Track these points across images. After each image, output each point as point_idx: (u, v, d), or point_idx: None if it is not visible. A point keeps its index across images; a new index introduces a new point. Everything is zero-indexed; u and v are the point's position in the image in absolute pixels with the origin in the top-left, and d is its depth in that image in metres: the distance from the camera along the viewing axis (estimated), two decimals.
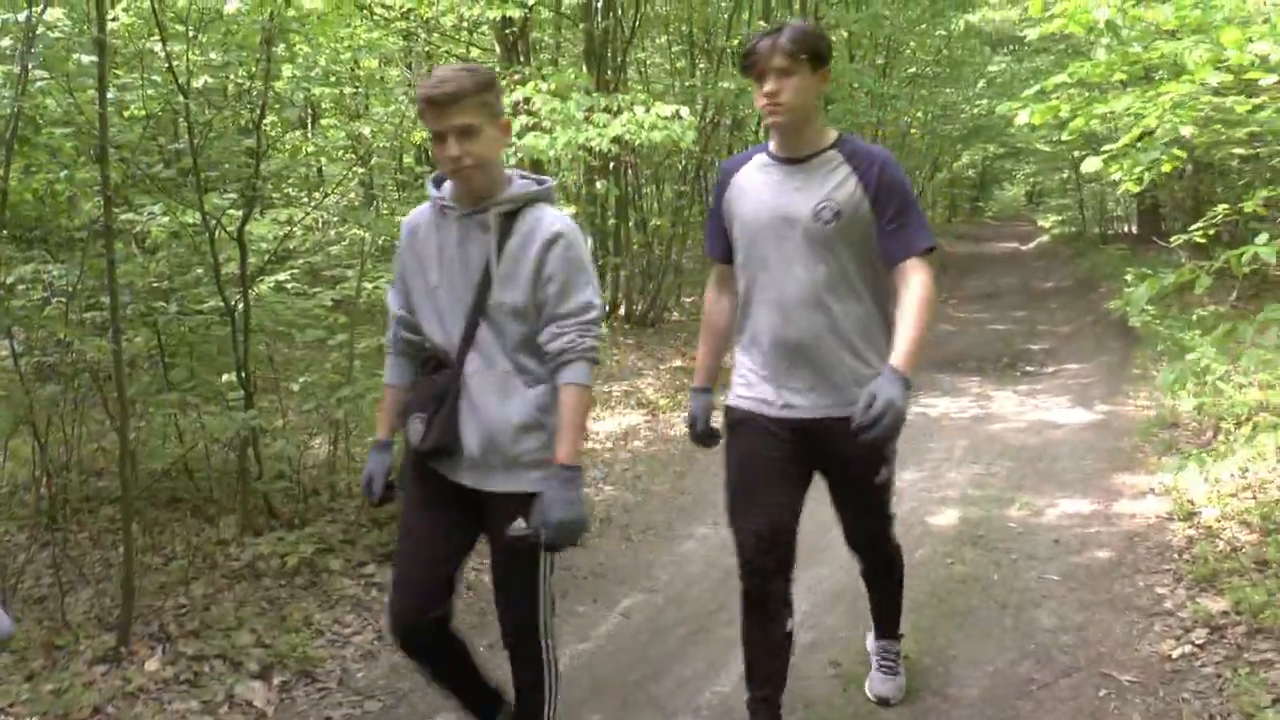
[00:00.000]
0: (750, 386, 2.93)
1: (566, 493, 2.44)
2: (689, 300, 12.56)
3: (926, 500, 5.62)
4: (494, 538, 2.64)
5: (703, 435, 3.12)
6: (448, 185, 2.60)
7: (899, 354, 2.67)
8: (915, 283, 2.73)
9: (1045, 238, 26.11)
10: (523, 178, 2.61)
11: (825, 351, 2.81)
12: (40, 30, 4.44)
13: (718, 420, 3.08)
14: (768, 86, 2.70)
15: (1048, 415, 7.75)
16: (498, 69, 9.84)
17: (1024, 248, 25.23)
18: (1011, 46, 21.28)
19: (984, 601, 4.23)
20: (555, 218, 2.52)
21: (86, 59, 4.50)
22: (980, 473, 6.18)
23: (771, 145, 2.88)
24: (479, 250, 2.51)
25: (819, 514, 3.12)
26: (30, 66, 4.21)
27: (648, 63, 13.81)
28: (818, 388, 2.84)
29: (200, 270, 5.07)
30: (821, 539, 4.94)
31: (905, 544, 4.88)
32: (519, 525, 2.53)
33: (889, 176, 2.75)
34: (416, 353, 2.68)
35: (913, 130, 20.93)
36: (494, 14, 8.25)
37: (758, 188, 2.87)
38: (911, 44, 18.38)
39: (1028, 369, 9.96)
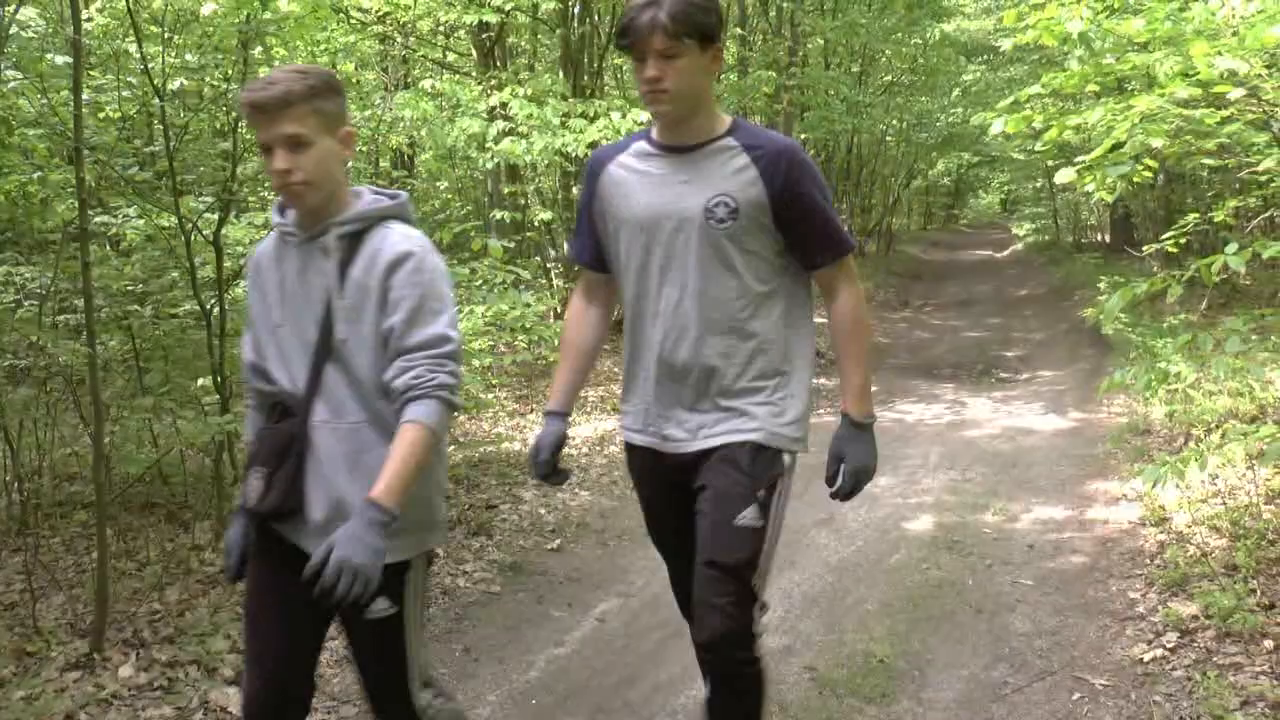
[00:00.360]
0: (635, 415, 2.54)
1: (365, 533, 2.01)
2: None
3: (902, 506, 5.65)
4: (348, 613, 2.21)
5: (545, 470, 2.57)
6: (292, 212, 2.25)
7: (854, 399, 2.43)
8: (844, 303, 2.45)
9: (1019, 246, 26.34)
10: (375, 193, 2.28)
11: (717, 375, 2.41)
12: (13, 30, 4.41)
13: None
14: (648, 71, 2.27)
15: (1022, 422, 7.82)
16: (474, 74, 9.85)
17: (998, 255, 25.44)
18: (986, 56, 21.46)
19: (959, 606, 4.26)
20: (403, 236, 2.18)
21: (61, 59, 4.47)
22: (955, 479, 6.22)
23: (654, 132, 2.46)
24: (320, 280, 2.18)
25: (789, 520, 3.12)
26: (3, 67, 4.19)
27: (624, 69, 13.83)
28: (702, 417, 2.44)
29: (176, 274, 5.05)
30: (795, 543, 4.98)
31: (881, 549, 4.99)
32: (380, 605, 2.16)
33: (799, 172, 2.36)
34: (270, 401, 2.29)
35: (889, 138, 21.06)
36: (470, 19, 8.25)
37: (638, 181, 2.44)
38: (887, 52, 18.51)
39: (1002, 376, 10.05)
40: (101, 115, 5.41)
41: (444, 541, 2.27)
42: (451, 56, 12.29)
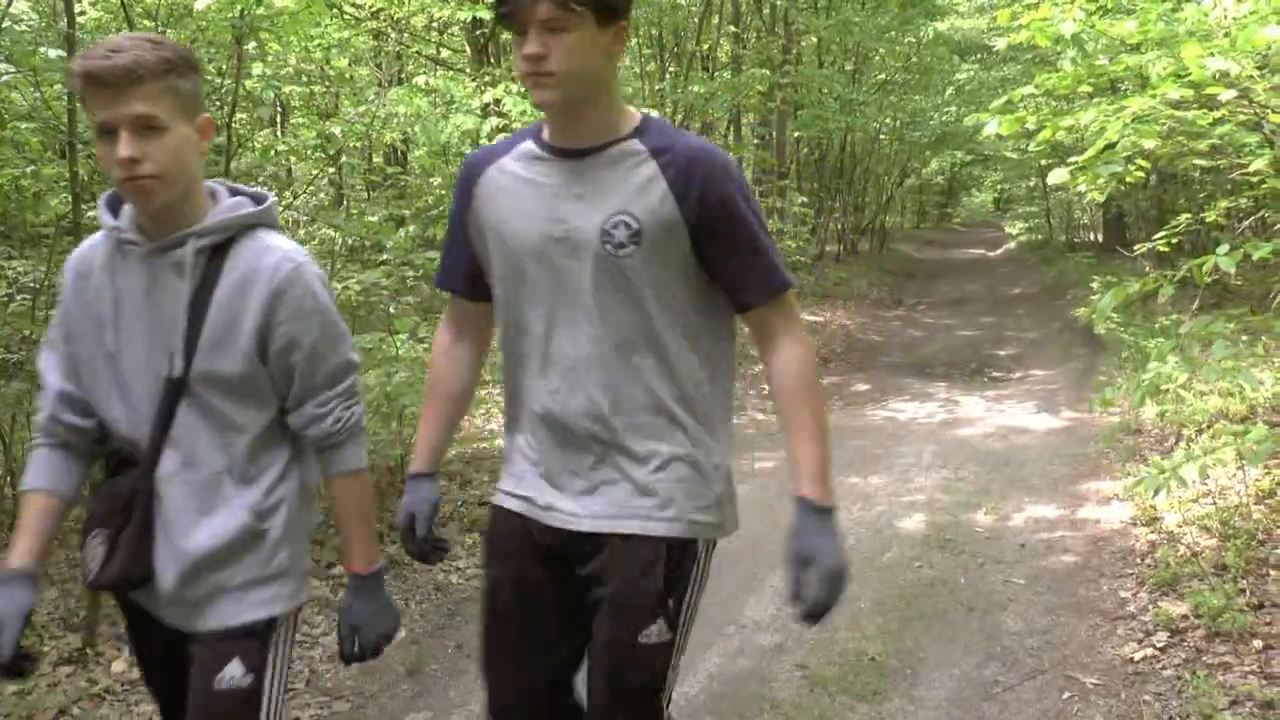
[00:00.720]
0: (520, 479, 2.03)
1: (373, 604, 1.95)
2: None
3: (895, 504, 5.67)
4: (194, 692, 1.85)
5: (421, 544, 2.10)
6: (127, 211, 1.84)
7: (813, 478, 1.86)
8: (788, 356, 1.92)
9: (1012, 245, 26.41)
10: (234, 193, 1.90)
11: (619, 437, 1.92)
12: (6, 24, 4.40)
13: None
14: (528, 46, 1.77)
15: (1015, 421, 7.84)
16: (468, 70, 9.85)
17: (991, 254, 25.51)
18: (980, 55, 21.51)
19: (951, 604, 4.28)
20: (281, 254, 1.82)
21: (54, 53, 4.46)
22: (948, 477, 6.24)
23: (545, 131, 1.96)
24: (174, 302, 1.80)
25: (781, 519, 3.12)
26: None
27: (618, 66, 13.83)
28: (601, 488, 1.94)
29: None
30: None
31: (873, 548, 5.00)
32: (233, 673, 1.82)
33: (719, 184, 1.87)
34: (86, 445, 1.92)
35: (882, 136, 21.10)
36: (464, 15, 8.24)
37: (521, 192, 1.94)
38: (881, 51, 18.54)
39: (995, 375, 10.08)
40: None
41: (308, 597, 1.99)
42: (445, 53, 12.28)
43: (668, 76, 12.58)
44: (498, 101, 7.12)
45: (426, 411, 2.18)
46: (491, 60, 9.74)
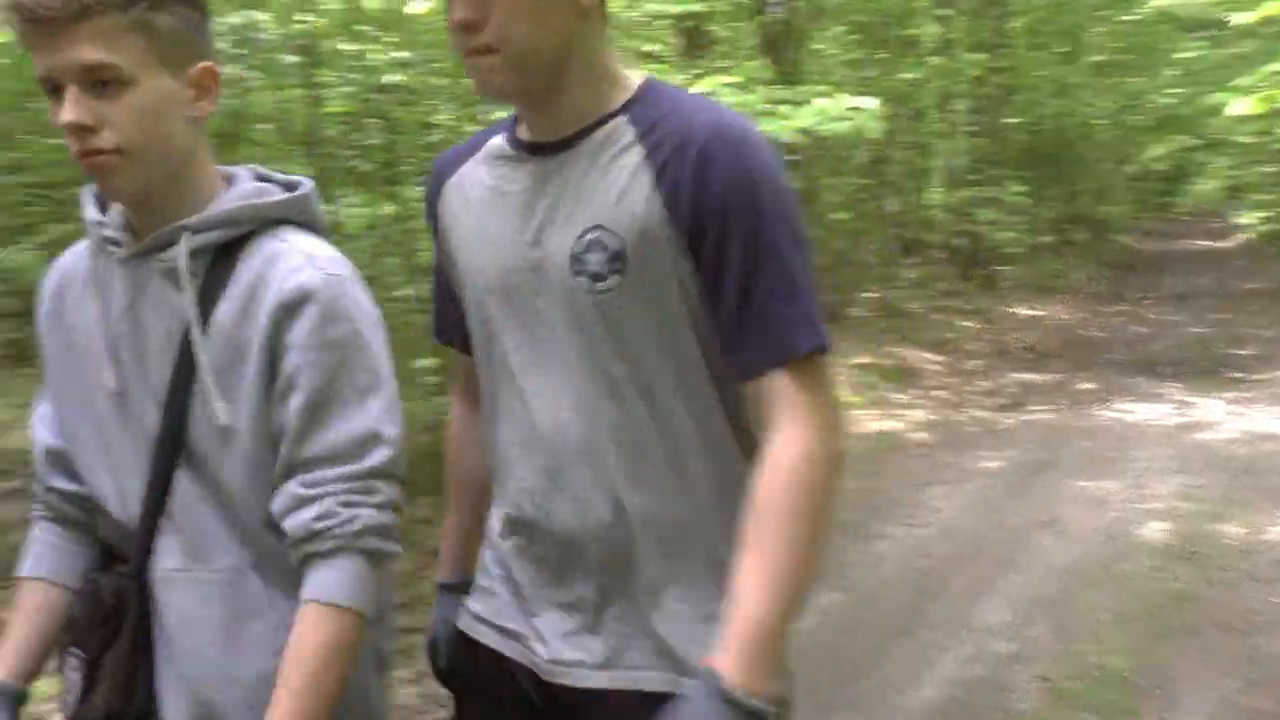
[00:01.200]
0: (491, 597, 1.45)
1: None
2: (866, 295, 12.25)
3: (1130, 511, 5.31)
4: None
5: (449, 671, 1.53)
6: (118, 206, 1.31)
7: (735, 643, 1.15)
8: (783, 442, 1.20)
9: (1250, 235, 24.60)
10: (259, 177, 1.36)
11: (630, 554, 1.32)
12: (251, 34, 4.65)
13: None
14: (453, 12, 1.21)
15: (1260, 425, 7.22)
16: (676, 63, 9.87)
17: (1220, 245, 23.86)
18: (1211, 30, 20.05)
19: (1200, 621, 3.96)
20: (304, 258, 1.26)
21: (290, 59, 4.71)
22: (1188, 484, 5.79)
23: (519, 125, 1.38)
24: (164, 322, 1.27)
25: (1007, 520, 2.94)
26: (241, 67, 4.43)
27: (824, 53, 13.61)
28: (612, 627, 1.33)
29: (396, 259, 5.24)
30: (1015, 544, 4.74)
31: (1108, 554, 4.69)
32: None
33: (723, 170, 1.21)
34: (88, 517, 1.39)
35: (1099, 121, 19.98)
36: (675, 8, 8.26)
37: (485, 204, 1.37)
38: (1096, 29, 17.58)
39: (1233, 375, 9.34)
40: (324, 109, 5.67)
41: None
42: (646, 46, 12.37)
43: (877, 63, 12.29)
44: (711, 93, 7.08)
45: (452, 502, 1.62)
46: (700, 52, 9.76)
